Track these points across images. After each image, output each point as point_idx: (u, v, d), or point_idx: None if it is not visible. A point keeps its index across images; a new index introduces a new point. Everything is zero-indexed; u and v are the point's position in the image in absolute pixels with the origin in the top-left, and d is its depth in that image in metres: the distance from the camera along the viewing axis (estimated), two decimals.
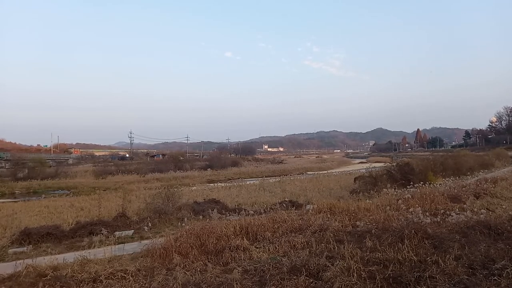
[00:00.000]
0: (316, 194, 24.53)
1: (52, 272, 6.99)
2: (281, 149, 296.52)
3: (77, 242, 11.72)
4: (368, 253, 7.05)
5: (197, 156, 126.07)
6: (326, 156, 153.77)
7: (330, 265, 6.35)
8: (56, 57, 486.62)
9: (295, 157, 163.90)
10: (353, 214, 11.66)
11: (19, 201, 37.45)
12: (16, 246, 11.93)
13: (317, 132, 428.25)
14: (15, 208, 27.33)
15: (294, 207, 15.50)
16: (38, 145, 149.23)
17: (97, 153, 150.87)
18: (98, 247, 9.62)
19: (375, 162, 76.84)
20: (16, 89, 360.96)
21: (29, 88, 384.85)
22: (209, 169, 78.33)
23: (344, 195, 21.54)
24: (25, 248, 11.31)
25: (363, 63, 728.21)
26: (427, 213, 11.52)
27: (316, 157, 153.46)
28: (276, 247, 8.42)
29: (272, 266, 6.64)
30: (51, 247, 10.95)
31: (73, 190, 50.75)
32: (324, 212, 12.18)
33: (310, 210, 12.79)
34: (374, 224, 9.97)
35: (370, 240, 7.94)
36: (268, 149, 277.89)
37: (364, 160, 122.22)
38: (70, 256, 8.63)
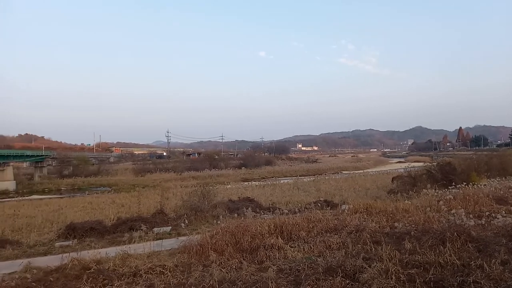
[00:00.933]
0: (352, 194, 24.12)
1: (95, 265, 7.31)
2: (315, 148, 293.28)
3: (118, 237, 12.23)
4: (407, 256, 6.83)
5: (232, 155, 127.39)
6: (362, 156, 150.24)
7: (367, 267, 6.21)
8: (98, 60, 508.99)
9: (329, 156, 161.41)
10: (391, 215, 11.33)
11: (64, 197, 39.68)
12: (62, 240, 12.64)
13: (353, 131, 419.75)
14: (61, 204, 28.98)
15: (329, 207, 15.31)
16: (82, 144, 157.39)
17: (136, 151, 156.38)
18: (138, 243, 9.95)
19: (414, 161, 74.37)
20: (61, 91, 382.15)
21: (73, 89, 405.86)
22: (243, 167, 79.06)
23: (381, 195, 21.00)
24: (71, 242, 11.95)
25: (400, 60, 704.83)
26: (471, 215, 10.96)
27: (352, 156, 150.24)
28: (311, 246, 8.35)
29: (307, 266, 6.60)
30: (94, 242, 11.48)
31: (114, 187, 53.01)
32: (361, 212, 11.92)
33: (345, 210, 12.57)
34: (413, 225, 9.63)
35: (409, 242, 7.68)
36: (302, 148, 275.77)
37: (402, 160, 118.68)
38: (112, 251, 9.00)
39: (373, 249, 7.56)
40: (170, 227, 13.62)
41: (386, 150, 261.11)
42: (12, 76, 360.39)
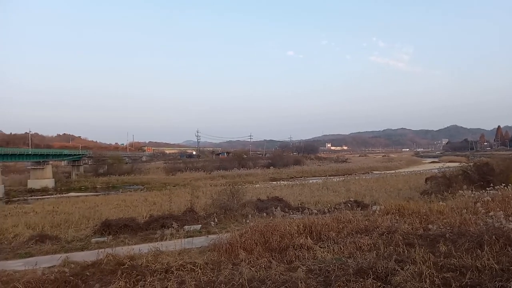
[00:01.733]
0: (383, 195, 23.59)
1: (129, 261, 7.56)
2: (345, 147, 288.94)
3: (151, 234, 12.57)
4: (442, 259, 6.61)
5: (260, 154, 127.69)
6: (393, 155, 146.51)
7: (399, 269, 6.06)
8: (132, 62, 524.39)
9: (360, 156, 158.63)
10: (425, 217, 10.98)
11: (100, 195, 41.29)
12: (98, 236, 13.14)
13: (384, 130, 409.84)
14: (96, 201, 30.16)
15: (360, 208, 15.03)
16: (116, 143, 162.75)
17: (168, 151, 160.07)
18: (169, 240, 10.17)
19: (449, 162, 71.89)
20: (96, 92, 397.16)
21: (108, 91, 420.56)
22: (272, 167, 79.07)
23: (414, 196, 20.40)
24: (106, 238, 12.40)
25: (434, 57, 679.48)
26: (510, 218, 10.46)
27: (383, 156, 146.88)
28: (341, 247, 8.25)
29: (338, 267, 6.53)
30: (128, 238, 11.86)
31: (146, 185, 54.57)
32: (392, 213, 11.64)
33: (377, 211, 12.31)
34: (448, 228, 9.29)
35: (444, 245, 7.43)
36: (331, 148, 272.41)
37: (436, 160, 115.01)
38: (145, 247, 9.26)
39: (406, 251, 7.37)
40: (200, 225, 13.84)
41: (419, 149, 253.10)
42: (53, 79, 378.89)
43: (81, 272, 7.16)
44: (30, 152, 64.32)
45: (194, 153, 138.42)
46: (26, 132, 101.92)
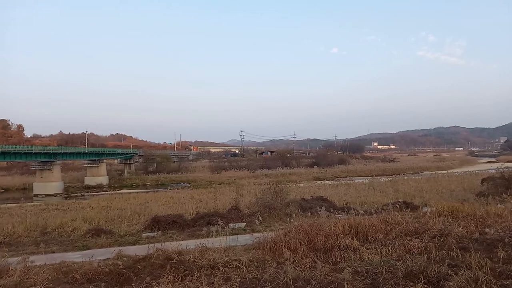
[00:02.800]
0: (434, 196, 22.50)
1: (177, 256, 7.83)
2: (393, 146, 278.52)
3: (197, 231, 12.93)
4: (500, 265, 6.20)
5: (304, 153, 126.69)
6: (445, 155, 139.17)
7: (453, 275, 5.76)
8: (180, 66, 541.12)
9: (408, 155, 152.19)
10: (481, 220, 10.37)
11: (149, 192, 43.16)
12: (148, 231, 13.74)
13: (435, 128, 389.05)
14: (146, 198, 31.58)
15: (409, 209, 14.45)
16: (164, 142, 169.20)
17: (213, 150, 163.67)
18: (215, 237, 10.40)
19: (507, 161, 67.13)
20: (146, 94, 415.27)
21: (157, 94, 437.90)
22: (316, 166, 78.24)
23: (469, 198, 19.26)
24: (155, 233, 12.94)
25: (490, 50, 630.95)
26: None
27: (434, 155, 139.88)
28: (389, 250, 8.00)
29: (386, 269, 6.34)
30: (176, 234, 12.30)
31: (193, 183, 56.18)
32: (445, 215, 11.12)
33: (427, 212, 11.82)
34: (507, 232, 8.71)
35: (503, 250, 6.97)
36: (378, 147, 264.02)
37: (493, 159, 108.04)
38: (192, 243, 9.56)
39: (460, 255, 7.00)
40: (245, 223, 14.02)
41: (474, 148, 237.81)
42: (111, 83, 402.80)
43: (133, 265, 7.53)
44: (86, 151, 68.80)
45: (238, 152, 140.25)
46: (83, 132, 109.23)
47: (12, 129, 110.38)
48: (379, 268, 6.48)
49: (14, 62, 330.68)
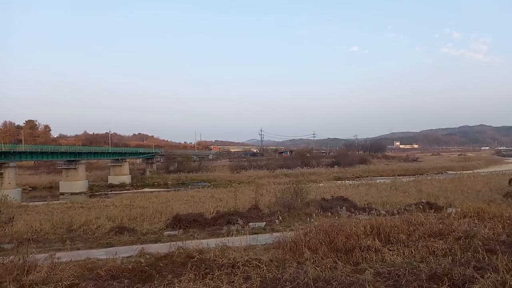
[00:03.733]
0: (459, 196, 21.89)
1: (198, 255, 7.93)
2: (415, 146, 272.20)
3: (217, 229, 13.04)
4: None
5: (324, 153, 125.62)
6: (471, 154, 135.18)
7: (479, 277, 5.60)
8: (199, 68, 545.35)
9: (432, 155, 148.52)
10: (508, 221, 10.03)
11: (171, 190, 43.75)
12: (170, 229, 13.94)
13: (459, 127, 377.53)
14: (168, 197, 32.04)
15: (433, 210, 14.14)
16: (184, 142, 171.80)
17: (232, 149, 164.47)
18: (235, 236, 10.46)
19: None
20: (167, 96, 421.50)
21: (178, 95, 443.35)
22: (336, 166, 77.53)
23: (496, 199, 18.67)
24: (176, 231, 13.11)
25: None
26: None
27: (459, 155, 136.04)
28: (412, 251, 7.84)
29: (408, 271, 6.22)
30: (196, 233, 12.46)
31: (213, 182, 56.70)
32: (470, 216, 10.82)
33: (452, 213, 11.53)
34: None
35: None
36: (400, 146, 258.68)
37: None
38: (212, 242, 9.64)
39: (486, 258, 6.80)
40: (264, 222, 14.03)
41: (501, 148, 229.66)
42: (136, 83, 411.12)
43: (155, 263, 7.66)
44: (110, 151, 70.47)
45: (257, 151, 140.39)
46: (106, 132, 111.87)
47: (39, 129, 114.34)
48: (401, 269, 6.37)
49: (41, 65, 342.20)
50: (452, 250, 7.55)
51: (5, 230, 14.09)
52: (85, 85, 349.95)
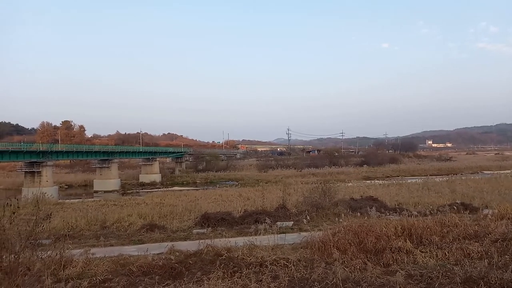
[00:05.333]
0: (496, 197, 20.94)
1: (226, 253, 8.01)
2: (449, 144, 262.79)
3: (245, 228, 13.13)
4: None
5: (352, 152, 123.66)
6: (508, 153, 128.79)
7: None
8: (229, 70, 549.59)
9: (466, 154, 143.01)
10: None
11: (199, 189, 44.46)
12: (198, 228, 14.16)
13: (497, 124, 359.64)
14: (196, 195, 32.54)
15: (468, 211, 13.62)
16: (213, 141, 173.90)
17: (259, 148, 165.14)
18: (263, 235, 10.49)
19: None
20: (195, 97, 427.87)
21: (206, 96, 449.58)
22: (365, 165, 76.20)
23: None
24: (205, 230, 13.30)
25: None
26: None
27: (496, 154, 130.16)
28: (445, 253, 7.60)
29: (442, 274, 6.03)
30: (224, 231, 12.58)
31: (240, 181, 57.12)
32: (508, 218, 10.38)
33: (488, 215, 11.07)
34: None
35: None
36: (433, 145, 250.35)
37: None
38: (240, 241, 9.69)
39: None
40: (292, 222, 13.98)
41: None
42: (161, 84, 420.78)
43: (185, 260, 7.81)
44: (141, 150, 72.48)
45: (284, 150, 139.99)
46: (137, 132, 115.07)
47: (74, 130, 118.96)
48: (434, 272, 6.18)
49: (76, 68, 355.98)
50: (489, 253, 7.26)
51: (43, 226, 14.75)
52: (117, 86, 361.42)
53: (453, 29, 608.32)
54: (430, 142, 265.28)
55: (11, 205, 6.11)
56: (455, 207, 14.24)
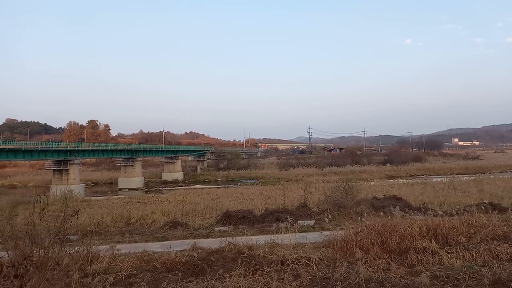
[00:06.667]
0: None
1: (248, 251, 8.04)
2: (476, 142, 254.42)
3: (266, 226, 13.14)
4: None
5: (375, 150, 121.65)
6: None
7: None
8: (249, 70, 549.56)
9: (495, 152, 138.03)
10: None
11: (221, 187, 44.79)
12: (220, 225, 14.30)
13: None
14: (218, 193, 32.82)
15: (496, 211, 13.19)
16: (233, 140, 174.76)
17: (280, 147, 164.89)
18: (284, 233, 10.45)
19: None
20: (217, 98, 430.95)
21: (226, 96, 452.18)
22: (388, 164, 74.73)
23: None
24: (227, 227, 13.42)
25: None
26: None
27: None
28: (472, 254, 7.39)
29: (469, 275, 5.87)
30: (246, 229, 12.62)
31: (261, 180, 57.14)
32: None
33: None
34: None
35: None
36: (459, 143, 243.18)
37: None
38: (261, 239, 9.73)
39: None
40: (314, 220, 13.90)
41: None
42: (192, 88, 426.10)
43: (207, 257, 7.89)
44: (164, 149, 73.68)
45: (305, 149, 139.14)
46: (160, 131, 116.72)
47: (100, 129, 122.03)
48: (461, 273, 6.03)
49: (102, 69, 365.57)
50: None
51: (71, 222, 15.27)
52: (141, 87, 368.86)
53: (479, 24, 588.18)
54: (456, 140, 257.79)
55: (40, 202, 6.33)
56: (482, 207, 13.80)
